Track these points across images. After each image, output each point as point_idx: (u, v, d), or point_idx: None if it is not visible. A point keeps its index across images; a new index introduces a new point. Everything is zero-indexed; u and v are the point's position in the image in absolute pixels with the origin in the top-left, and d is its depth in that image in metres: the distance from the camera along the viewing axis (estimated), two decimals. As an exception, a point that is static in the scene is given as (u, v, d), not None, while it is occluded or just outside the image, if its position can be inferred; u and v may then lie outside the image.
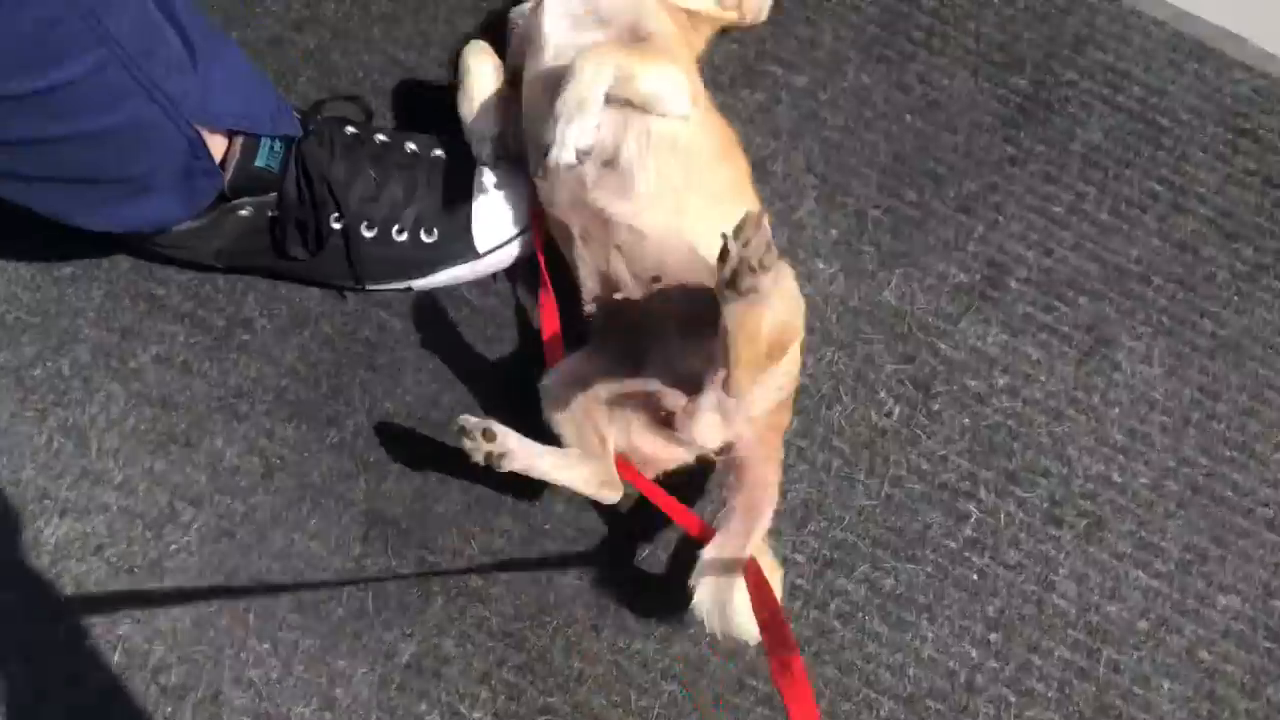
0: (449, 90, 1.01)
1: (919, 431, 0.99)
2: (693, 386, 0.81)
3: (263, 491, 0.95)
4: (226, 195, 0.86)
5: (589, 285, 0.89)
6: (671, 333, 0.83)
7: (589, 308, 0.90)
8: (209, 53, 0.80)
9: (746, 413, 0.82)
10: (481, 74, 0.95)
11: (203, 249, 0.93)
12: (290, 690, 0.90)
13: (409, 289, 0.98)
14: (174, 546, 0.94)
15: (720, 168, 0.88)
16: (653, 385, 0.83)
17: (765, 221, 0.67)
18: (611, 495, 0.87)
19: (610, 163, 0.84)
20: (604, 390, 0.84)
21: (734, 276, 0.68)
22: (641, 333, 0.85)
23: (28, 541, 0.93)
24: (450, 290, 1.00)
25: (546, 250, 0.95)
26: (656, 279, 0.84)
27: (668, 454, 0.87)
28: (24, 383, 0.96)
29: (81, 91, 0.66)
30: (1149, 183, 1.08)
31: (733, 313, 0.70)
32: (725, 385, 0.76)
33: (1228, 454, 1.00)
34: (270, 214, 0.89)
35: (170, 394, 0.97)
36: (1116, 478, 0.99)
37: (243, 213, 0.89)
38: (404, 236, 0.94)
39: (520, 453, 0.82)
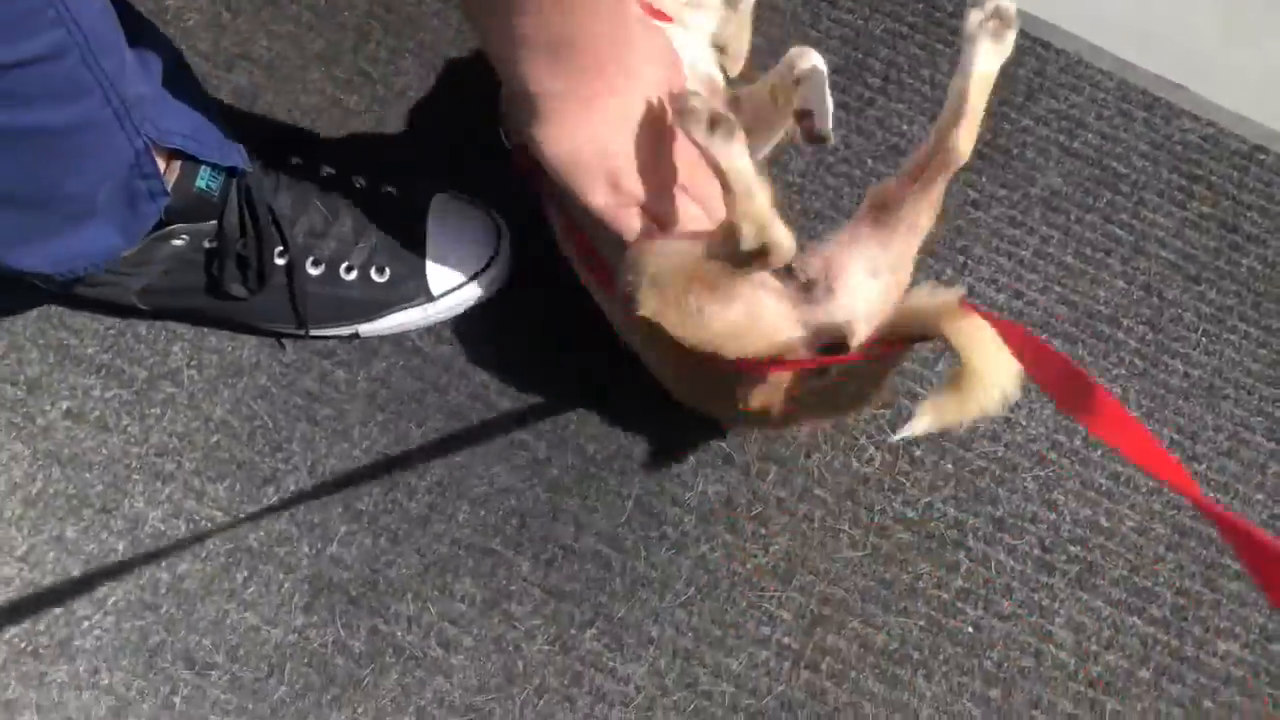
0: (394, 132, 1.06)
1: (902, 479, 1.05)
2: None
3: (191, 558, 0.94)
4: (160, 220, 0.88)
5: None
6: None
7: None
8: (163, 64, 0.84)
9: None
10: None
11: (126, 288, 0.93)
12: (223, 783, 0.88)
13: (355, 335, 1.01)
14: (87, 623, 0.92)
15: None
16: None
17: None
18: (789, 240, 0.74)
19: None
20: None
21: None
22: None
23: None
24: (399, 337, 1.03)
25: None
26: None
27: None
28: (-89, 443, 0.95)
29: (34, 76, 0.68)
30: (1110, 226, 1.19)
31: (985, 56, 0.82)
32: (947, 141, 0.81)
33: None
34: (207, 245, 0.91)
35: (83, 453, 0.97)
36: (1104, 522, 1.06)
37: (176, 242, 0.90)
38: (353, 275, 0.97)
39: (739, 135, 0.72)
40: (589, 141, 0.72)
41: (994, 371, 0.72)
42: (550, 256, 1.01)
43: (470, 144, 1.10)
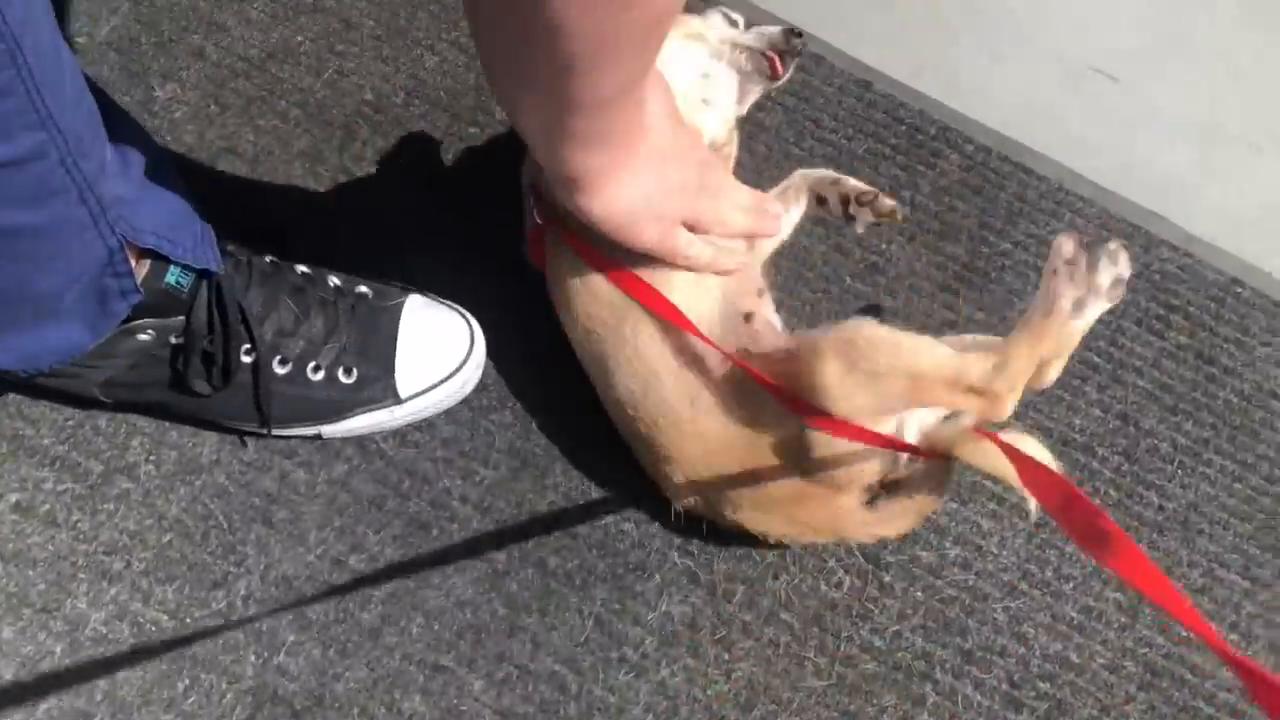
0: (373, 234, 1.07)
1: (871, 605, 1.04)
2: None
3: (131, 664, 0.91)
4: (128, 314, 0.87)
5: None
6: None
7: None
8: (144, 163, 0.84)
9: None
10: None
11: (88, 380, 0.92)
12: None
13: (318, 436, 0.99)
14: (17, 731, 0.89)
15: None
16: None
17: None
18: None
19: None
20: None
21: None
22: None
23: None
24: (364, 439, 1.02)
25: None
26: None
27: None
28: None
29: (11, 177, 0.68)
30: (1087, 353, 1.19)
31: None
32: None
33: (1184, 634, 1.07)
34: (173, 340, 0.91)
35: (28, 549, 0.94)
36: (1074, 658, 1.04)
37: (142, 336, 0.89)
38: (320, 375, 0.96)
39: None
40: (631, 194, 0.80)
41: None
42: (524, 364, 1.01)
43: (450, 248, 1.10)
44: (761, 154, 1.23)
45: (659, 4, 0.60)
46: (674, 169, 0.83)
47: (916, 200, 1.24)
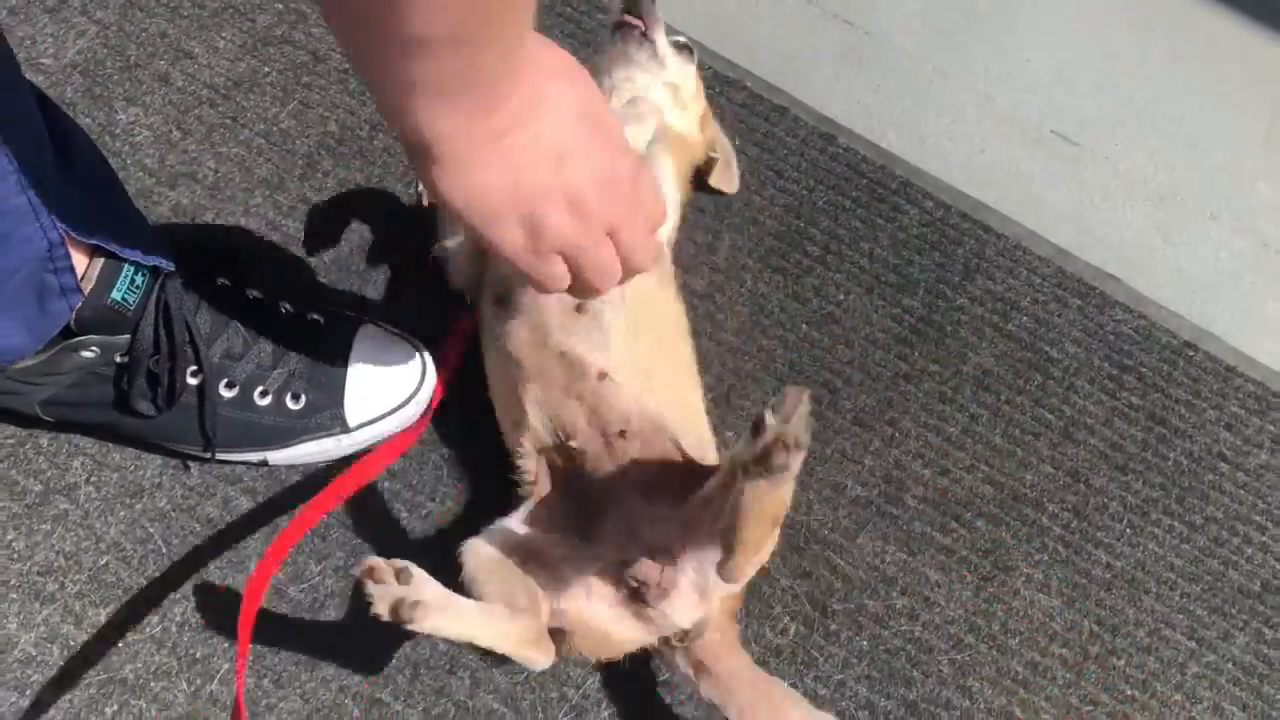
0: (330, 262, 1.09)
1: (815, 653, 1.05)
2: (658, 556, 0.84)
3: (60, 688, 0.92)
4: (71, 329, 0.88)
5: (535, 430, 0.91)
6: (634, 497, 0.87)
7: (526, 460, 0.92)
8: (90, 167, 0.86)
9: (724, 591, 0.85)
10: None
11: (29, 397, 0.93)
12: None
13: (264, 462, 1.01)
14: (-64, 752, 0.88)
15: (683, 342, 1.00)
16: (624, 553, 0.84)
17: (806, 398, 0.70)
18: (542, 659, 0.83)
19: (580, 307, 0.92)
20: (553, 551, 0.86)
21: (766, 453, 0.69)
22: (594, 493, 0.89)
23: None
24: (310, 467, 1.03)
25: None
26: (621, 433, 0.89)
27: (624, 632, 0.86)
28: None
29: None
30: (1040, 410, 1.22)
31: (755, 490, 0.72)
32: (724, 568, 0.78)
33: (1129, 692, 1.09)
34: (118, 359, 0.92)
35: (-38, 568, 0.95)
36: (1019, 712, 1.06)
37: (85, 353, 0.90)
38: (267, 400, 0.97)
39: (436, 605, 0.76)
40: (497, 179, 0.64)
41: None
42: (475, 397, 1.02)
43: (406, 280, 1.12)
44: (723, 202, 1.27)
45: None
46: (575, 170, 0.67)
47: (875, 253, 1.28)
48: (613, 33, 1.10)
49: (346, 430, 0.99)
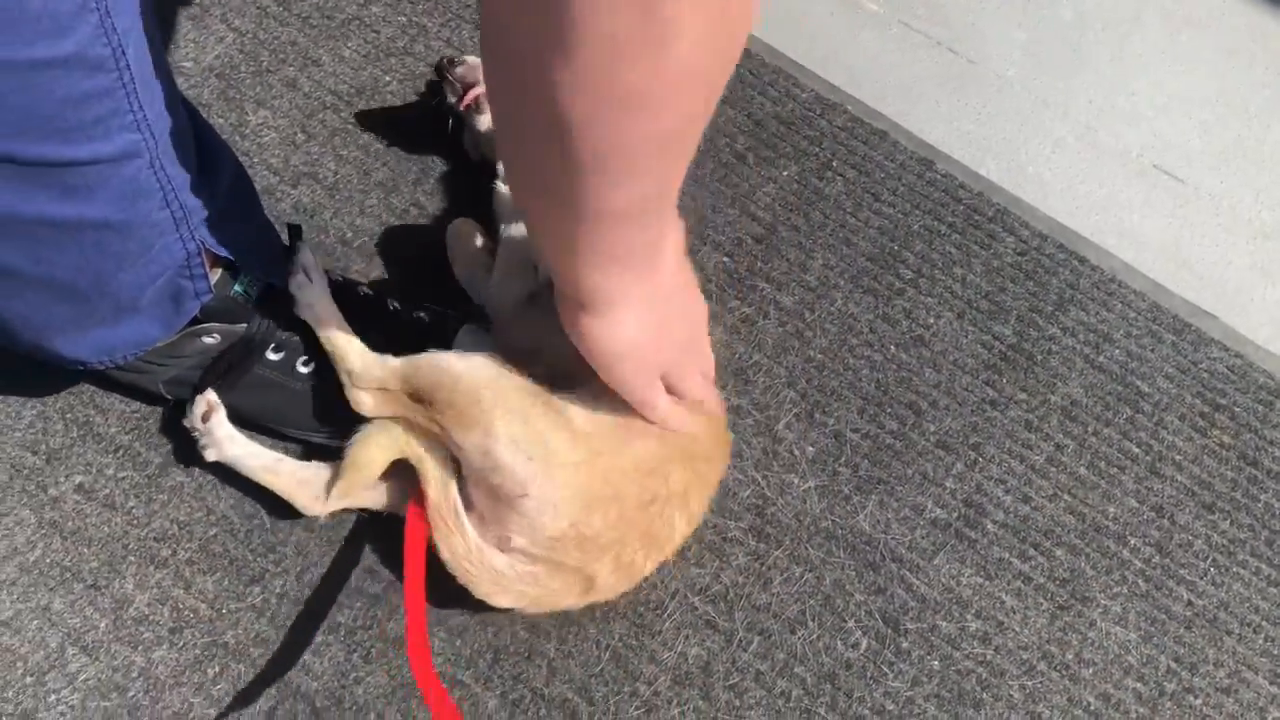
0: (437, 263, 1.14)
1: (885, 669, 1.06)
2: None
3: (168, 646, 0.98)
4: (196, 317, 0.95)
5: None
6: None
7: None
8: (227, 178, 0.92)
9: None
10: (463, 235, 1.10)
11: (155, 376, 1.00)
12: None
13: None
14: (54, 697, 0.95)
15: None
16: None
17: None
18: (316, 509, 0.98)
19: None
20: None
21: None
22: None
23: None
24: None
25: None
26: None
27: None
28: (-73, 496, 1.01)
29: (102, 174, 0.76)
30: (1127, 443, 1.22)
31: None
32: None
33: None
34: (234, 343, 0.98)
35: (86, 528, 1.02)
36: (1089, 743, 1.06)
37: (207, 339, 0.97)
38: None
39: (226, 445, 0.98)
40: (637, 335, 0.79)
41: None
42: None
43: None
44: (818, 221, 1.29)
45: (672, 116, 0.56)
46: (677, 318, 0.84)
47: (968, 279, 1.28)
48: None
49: (443, 423, 1.04)
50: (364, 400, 0.91)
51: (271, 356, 0.99)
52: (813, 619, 1.07)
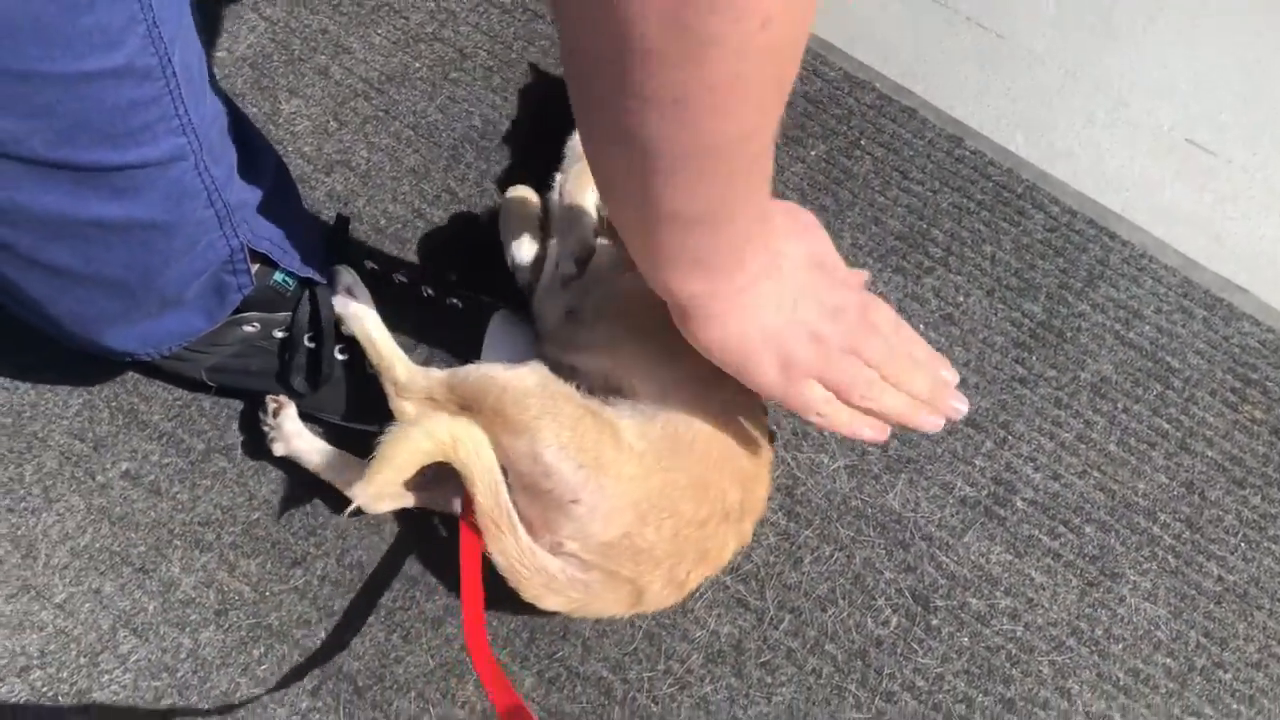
0: (470, 249, 1.16)
1: (915, 645, 1.08)
2: None
3: (214, 628, 1.01)
4: (238, 306, 0.97)
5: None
6: None
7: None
8: (268, 175, 0.94)
9: None
10: (520, 206, 1.11)
11: (197, 364, 1.02)
12: None
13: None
14: (106, 677, 0.98)
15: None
16: None
17: None
18: (374, 506, 0.99)
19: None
20: None
21: None
22: None
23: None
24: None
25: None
26: None
27: None
28: (-19, 484, 1.04)
29: (149, 177, 0.78)
30: (1158, 420, 1.22)
31: None
32: None
33: (1235, 707, 1.08)
34: (277, 335, 1.00)
35: (133, 514, 1.05)
36: (1118, 718, 1.07)
37: (248, 328, 0.99)
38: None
39: (293, 440, 1.02)
40: (740, 328, 0.77)
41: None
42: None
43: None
44: (846, 200, 1.29)
45: (740, 120, 0.59)
46: (808, 309, 0.78)
47: (997, 256, 1.28)
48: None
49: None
50: (408, 411, 0.92)
51: (308, 344, 1.00)
52: (843, 597, 1.08)
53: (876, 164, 1.33)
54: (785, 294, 0.78)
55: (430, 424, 0.87)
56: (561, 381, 0.89)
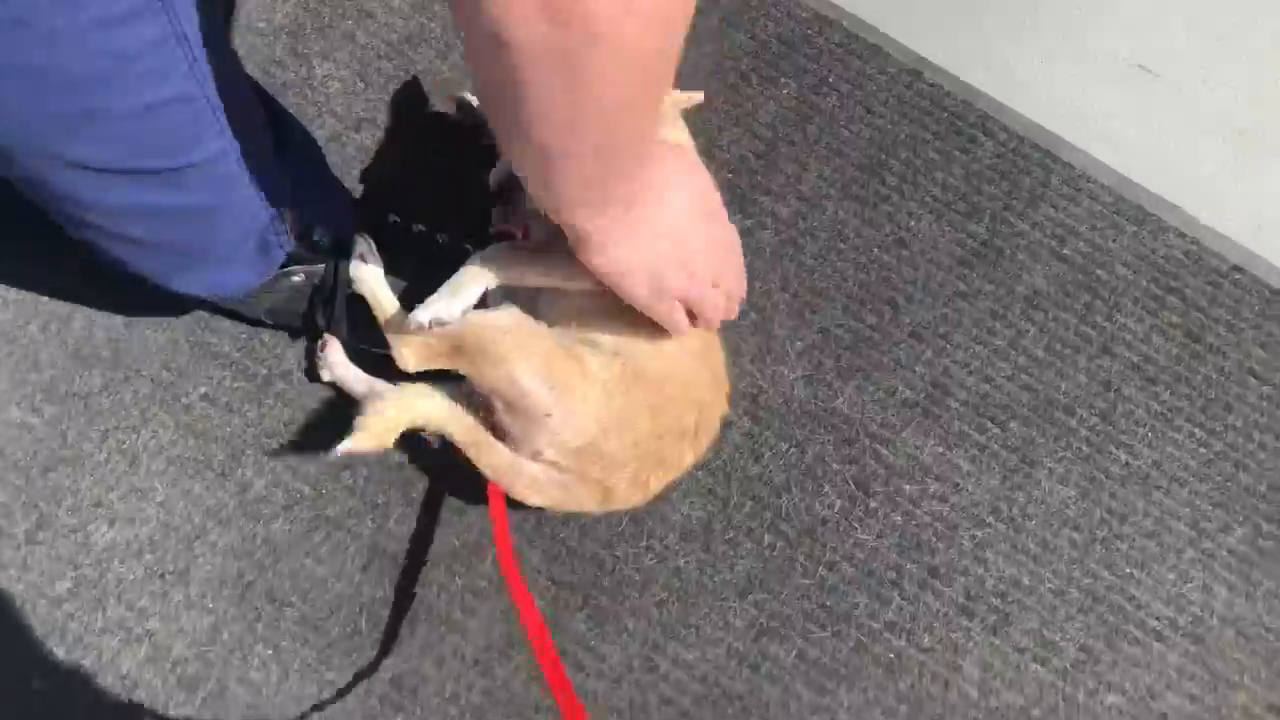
0: (480, 200, 1.35)
1: (855, 524, 1.30)
2: None
3: (283, 520, 1.26)
4: (285, 261, 1.20)
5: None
6: None
7: None
8: (299, 150, 1.15)
9: None
10: None
11: (257, 307, 1.25)
12: (287, 693, 1.19)
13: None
14: (201, 559, 1.24)
15: None
16: None
17: None
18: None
19: None
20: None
21: None
22: None
23: (79, 541, 1.24)
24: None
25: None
26: None
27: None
28: (91, 407, 1.29)
29: (200, 173, 0.98)
30: (1084, 327, 1.40)
31: None
32: None
33: (1128, 570, 1.29)
34: (314, 283, 1.23)
35: (212, 428, 1.29)
36: (1026, 581, 1.28)
37: (295, 279, 1.21)
38: None
39: (336, 368, 1.22)
40: (629, 254, 0.93)
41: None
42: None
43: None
44: (813, 135, 1.46)
45: (597, 79, 0.68)
46: (693, 246, 0.95)
47: (948, 182, 1.45)
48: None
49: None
50: (407, 355, 1.11)
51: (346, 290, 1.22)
52: (795, 485, 1.29)
53: (841, 99, 1.49)
54: (668, 227, 0.92)
55: (411, 400, 1.09)
56: (533, 320, 1.09)
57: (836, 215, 1.42)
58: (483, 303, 1.09)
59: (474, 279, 1.07)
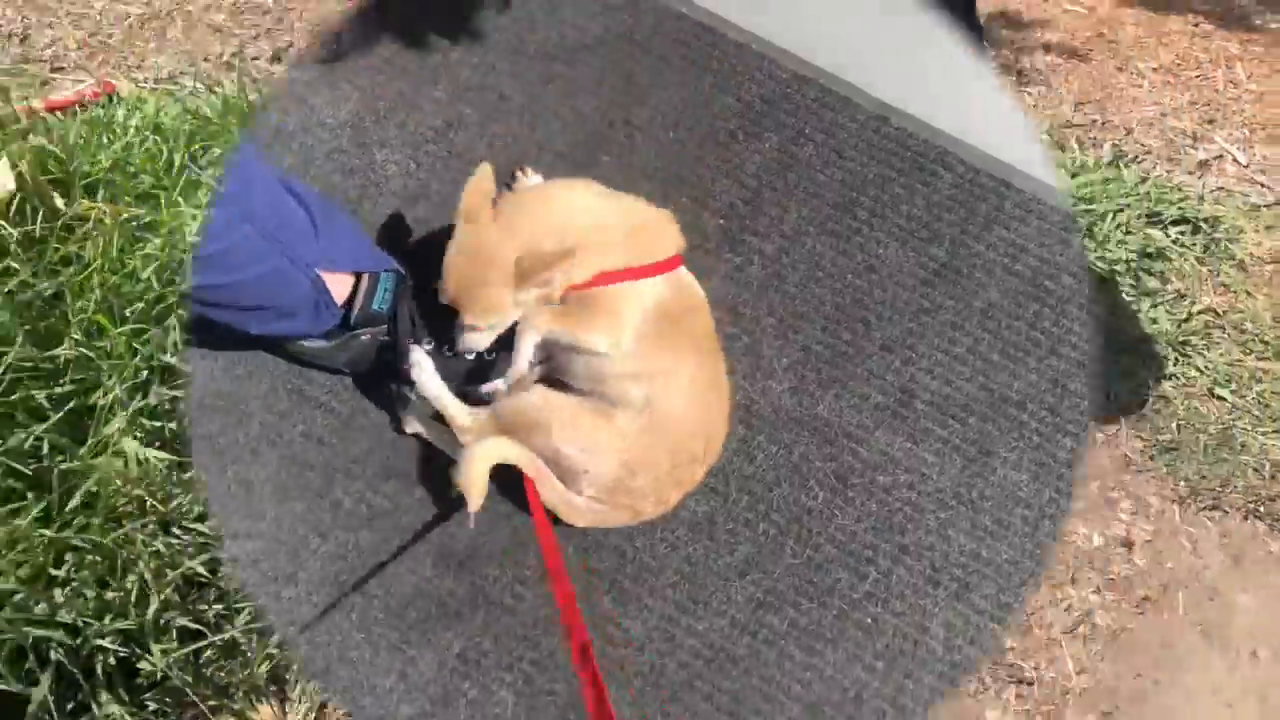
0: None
1: (836, 512, 1.55)
2: None
3: (367, 530, 1.56)
4: (352, 327, 1.50)
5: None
6: None
7: None
8: (328, 221, 1.44)
9: None
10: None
11: (336, 360, 1.56)
12: (377, 667, 1.49)
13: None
14: (305, 565, 1.55)
15: None
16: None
17: None
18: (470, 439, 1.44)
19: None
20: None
21: None
22: None
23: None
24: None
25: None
26: None
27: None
28: (214, 447, 1.61)
29: (239, 252, 1.29)
30: (1034, 332, 1.62)
31: None
32: None
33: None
34: (381, 340, 1.53)
35: (309, 459, 1.60)
36: (985, 554, 1.52)
37: (363, 338, 1.52)
38: (471, 356, 1.56)
39: (414, 423, 1.50)
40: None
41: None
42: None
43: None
44: (793, 181, 1.71)
45: None
46: None
47: (911, 212, 1.69)
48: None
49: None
50: (470, 440, 1.42)
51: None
52: (785, 481, 1.55)
53: (817, 148, 1.73)
54: None
55: (483, 452, 1.37)
56: (558, 393, 1.39)
57: (814, 249, 1.67)
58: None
59: (524, 338, 1.41)
